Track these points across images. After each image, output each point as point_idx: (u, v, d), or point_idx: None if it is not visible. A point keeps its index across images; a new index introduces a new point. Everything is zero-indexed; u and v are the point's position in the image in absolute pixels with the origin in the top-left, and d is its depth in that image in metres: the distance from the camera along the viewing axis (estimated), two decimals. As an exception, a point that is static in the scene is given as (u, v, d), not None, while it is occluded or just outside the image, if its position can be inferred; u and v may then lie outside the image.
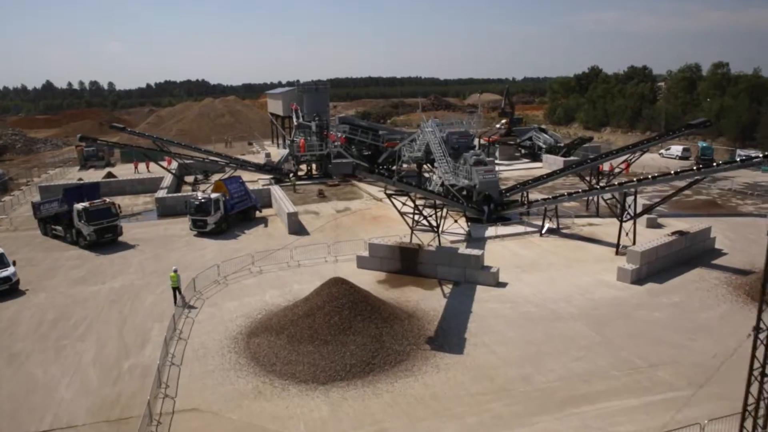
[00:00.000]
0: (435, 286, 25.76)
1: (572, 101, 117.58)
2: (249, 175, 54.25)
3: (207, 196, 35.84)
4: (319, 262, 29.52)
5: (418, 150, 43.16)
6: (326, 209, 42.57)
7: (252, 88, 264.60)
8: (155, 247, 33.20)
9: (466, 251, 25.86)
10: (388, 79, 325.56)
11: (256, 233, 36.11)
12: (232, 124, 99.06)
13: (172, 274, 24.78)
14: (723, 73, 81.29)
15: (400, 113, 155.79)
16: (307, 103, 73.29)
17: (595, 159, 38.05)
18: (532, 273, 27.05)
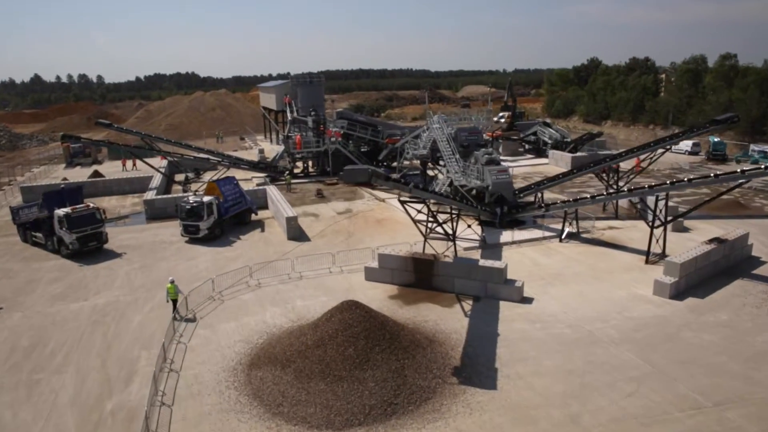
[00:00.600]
0: (453, 302, 23.35)
1: (571, 94, 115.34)
2: (242, 174, 51.58)
3: (199, 199, 33.14)
4: (322, 273, 27.01)
5: (423, 147, 40.63)
6: (326, 211, 40.02)
7: (242, 81, 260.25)
8: (143, 256, 30.51)
9: (487, 263, 23.45)
10: (379, 71, 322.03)
11: (253, 239, 33.49)
12: (223, 118, 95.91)
13: (169, 286, 22.60)
14: (731, 65, 79.13)
15: (394, 106, 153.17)
16: (302, 96, 70.50)
17: (615, 157, 35.70)
18: (558, 286, 24.71)
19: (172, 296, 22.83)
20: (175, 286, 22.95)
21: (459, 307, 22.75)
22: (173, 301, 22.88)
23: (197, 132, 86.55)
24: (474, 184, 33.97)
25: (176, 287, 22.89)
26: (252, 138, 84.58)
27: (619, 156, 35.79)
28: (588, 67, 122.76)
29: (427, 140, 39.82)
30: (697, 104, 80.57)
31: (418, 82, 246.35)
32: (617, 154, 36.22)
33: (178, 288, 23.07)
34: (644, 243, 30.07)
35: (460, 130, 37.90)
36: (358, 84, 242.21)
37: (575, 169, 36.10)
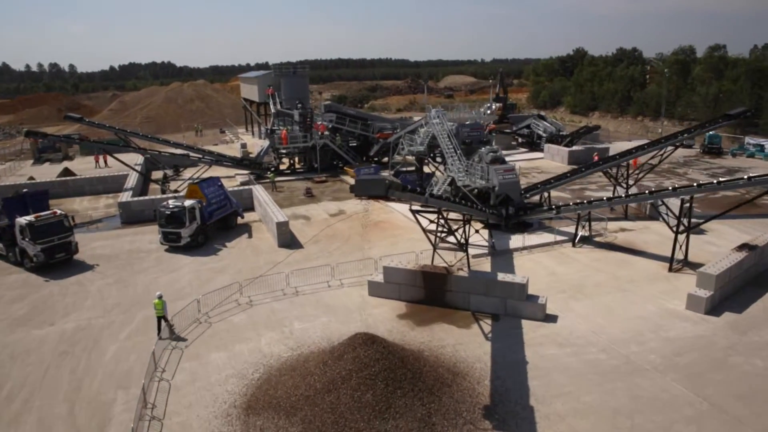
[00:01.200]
0: (470, 321, 21.01)
1: (557, 85, 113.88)
2: (225, 171, 48.46)
3: (179, 203, 30.14)
4: (320, 287, 24.40)
5: (420, 143, 38.09)
6: (317, 212, 37.32)
7: (220, 71, 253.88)
8: (119, 268, 27.49)
9: (507, 278, 21.13)
10: (359, 61, 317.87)
11: (240, 246, 30.66)
12: (202, 110, 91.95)
13: (156, 302, 20.11)
14: (720, 56, 78.10)
15: (377, 96, 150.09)
16: (285, 88, 67.39)
17: (626, 154, 33.67)
18: (582, 300, 22.55)
19: (159, 313, 20.36)
20: (163, 302, 20.46)
21: (478, 328, 20.42)
22: (159, 318, 20.45)
23: (175, 125, 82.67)
24: (479, 184, 31.62)
25: (164, 303, 20.43)
26: (233, 131, 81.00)
27: (629, 153, 33.78)
28: (573, 58, 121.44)
29: (425, 136, 37.30)
30: (685, 96, 79.53)
31: (398, 72, 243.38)
32: (627, 151, 34.19)
33: (166, 304, 20.63)
34: (661, 246, 28.36)
35: (461, 126, 35.47)
36: (338, 74, 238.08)
37: (584, 167, 33.99)
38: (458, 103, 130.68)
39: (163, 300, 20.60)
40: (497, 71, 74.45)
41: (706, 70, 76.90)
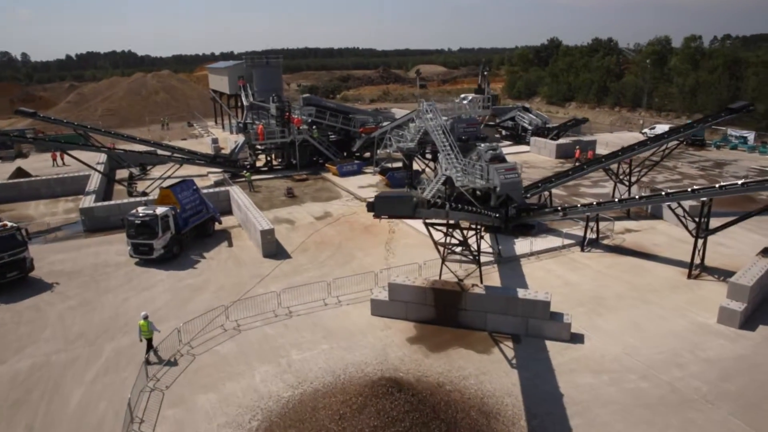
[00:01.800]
0: (489, 344, 18.85)
1: (533, 75, 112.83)
2: (196, 169, 45.12)
3: (151, 211, 26.98)
4: (316, 307, 21.84)
5: (411, 140, 35.67)
6: (301, 215, 34.58)
7: (184, 60, 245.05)
8: (82, 287, 24.29)
9: (529, 295, 19.02)
10: (326, 50, 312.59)
11: (220, 257, 27.73)
12: (168, 102, 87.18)
13: (141, 323, 18.20)
14: (696, 46, 77.95)
15: (349, 87, 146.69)
16: (258, 79, 63.97)
17: (628, 150, 32.02)
18: (604, 315, 20.66)
19: (147, 335, 18.16)
20: (149, 322, 18.19)
21: (499, 353, 18.27)
22: (149, 340, 18.24)
23: (139, 118, 78.02)
24: (478, 184, 29.43)
25: (150, 324, 18.23)
26: (201, 124, 76.86)
27: (631, 149, 32.15)
28: (548, 48, 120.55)
29: (416, 131, 34.89)
30: (662, 87, 79.28)
31: (367, 62, 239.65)
32: (629, 146, 32.55)
33: (153, 325, 18.35)
34: (672, 249, 27.03)
35: (456, 122, 33.18)
36: (306, 64, 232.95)
37: (585, 164, 32.21)
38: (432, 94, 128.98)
39: (150, 321, 18.32)
40: (480, 61, 72.25)
41: (682, 61, 76.57)
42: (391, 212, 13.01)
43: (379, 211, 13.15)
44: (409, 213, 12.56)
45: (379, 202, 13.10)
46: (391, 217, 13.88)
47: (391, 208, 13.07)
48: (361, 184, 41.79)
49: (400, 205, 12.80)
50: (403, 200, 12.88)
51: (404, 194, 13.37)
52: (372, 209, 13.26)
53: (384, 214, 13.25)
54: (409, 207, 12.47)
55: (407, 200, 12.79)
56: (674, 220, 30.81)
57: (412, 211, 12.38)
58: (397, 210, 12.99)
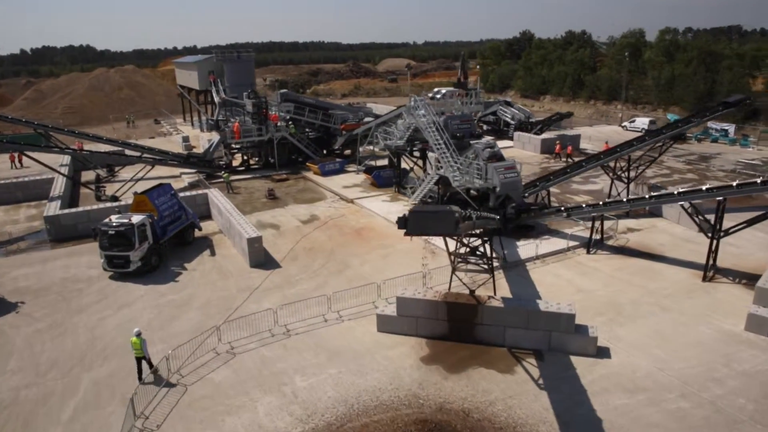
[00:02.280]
0: (511, 362, 17.41)
1: (506, 68, 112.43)
2: (167, 170, 42.48)
3: (126, 220, 24.56)
4: (315, 323, 20.00)
5: (400, 137, 33.96)
6: (286, 219, 32.54)
7: (145, 55, 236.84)
8: (51, 306, 21.83)
9: (552, 308, 17.64)
10: (291, 44, 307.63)
11: (203, 268, 25.53)
12: (133, 98, 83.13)
13: (134, 340, 16.59)
14: (671, 39, 78.46)
15: (319, 81, 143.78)
16: (229, 74, 61.27)
17: (626, 146, 31.13)
18: (625, 324, 19.48)
19: (138, 353, 16.65)
20: (142, 340, 16.62)
21: (523, 372, 16.84)
22: (139, 359, 16.74)
23: (102, 116, 74.02)
24: (477, 184, 27.99)
25: (143, 342, 16.64)
26: (170, 121, 73.40)
27: (630, 145, 31.28)
28: (520, 41, 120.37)
29: (406, 128, 33.20)
30: (637, 79, 79.60)
31: (334, 56, 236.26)
32: (628, 142, 31.67)
33: (145, 344, 16.66)
34: (678, 249, 26.34)
35: (449, 118, 31.61)
36: (272, 58, 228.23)
37: (584, 162, 31.14)
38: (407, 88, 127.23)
39: (142, 337, 16.60)
40: (459, 54, 70.91)
41: (657, 53, 76.98)
42: (430, 231, 11.18)
43: (413, 230, 11.21)
44: (451, 230, 10.79)
45: (414, 219, 11.13)
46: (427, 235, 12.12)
47: (429, 226, 11.14)
48: (345, 184, 39.94)
49: (441, 222, 10.91)
50: (444, 216, 11.03)
51: (443, 209, 11.48)
52: (404, 227, 11.41)
53: (419, 233, 11.39)
54: (451, 224, 10.68)
55: (448, 216, 10.95)
56: (675, 218, 30.20)
57: (455, 228, 10.63)
58: (438, 228, 11.12)
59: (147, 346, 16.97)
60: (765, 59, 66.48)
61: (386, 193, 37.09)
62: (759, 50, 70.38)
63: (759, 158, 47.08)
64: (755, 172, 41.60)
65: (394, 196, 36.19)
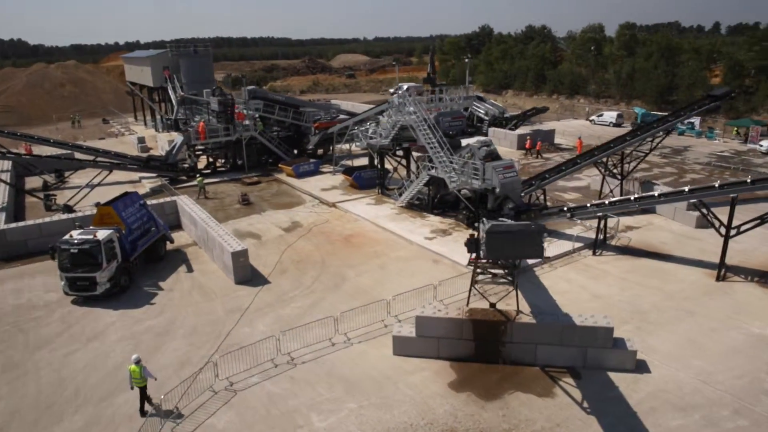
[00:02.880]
0: (547, 383, 15.83)
1: (465, 63, 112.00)
2: (124, 175, 39.00)
3: (90, 235, 21.51)
4: (321, 348, 17.83)
5: (385, 136, 31.95)
6: (266, 227, 30.01)
7: (84, 50, 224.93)
8: (5, 343, 18.70)
9: (588, 321, 16.17)
10: (240, 40, 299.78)
11: (181, 287, 22.78)
12: (77, 96, 77.41)
13: (132, 367, 14.59)
14: (631, 34, 79.65)
15: (275, 78, 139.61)
16: (186, 69, 57.63)
17: (620, 141, 30.27)
18: (654, 332, 18.31)
19: (139, 383, 14.67)
20: (143, 367, 14.69)
21: (563, 394, 15.29)
22: (142, 389, 14.77)
23: (43, 115, 68.39)
24: (475, 185, 26.39)
25: (144, 370, 14.71)
26: (120, 121, 68.65)
27: (623, 140, 30.44)
28: (480, 35, 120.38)
29: (392, 127, 31.23)
30: (598, 73, 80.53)
31: (285, 51, 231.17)
32: (620, 137, 30.84)
33: (146, 370, 14.61)
34: (682, 247, 25.91)
35: (440, 115, 29.88)
36: (222, 54, 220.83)
37: (578, 158, 30.09)
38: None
39: (142, 365, 14.54)
40: (429, 48, 69.30)
41: (618, 48, 77.99)
42: (513, 255, 9.14)
43: (493, 254, 9.13)
44: (540, 254, 8.87)
45: (494, 241, 8.97)
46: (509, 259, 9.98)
47: (512, 249, 9.02)
48: (323, 186, 37.64)
49: (526, 244, 8.85)
50: (530, 237, 9.01)
51: (526, 227, 9.44)
52: (475, 251, 9.33)
53: (500, 258, 9.28)
54: (540, 246, 8.77)
55: (534, 236, 8.93)
56: (670, 215, 29.63)
57: (542, 250, 8.75)
58: (523, 251, 9.07)
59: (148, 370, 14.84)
60: (720, 53, 68.18)
61: (369, 195, 35.04)
62: (714, 45, 72.20)
63: (727, 150, 47.79)
64: (729, 164, 42.05)
65: (378, 199, 34.20)
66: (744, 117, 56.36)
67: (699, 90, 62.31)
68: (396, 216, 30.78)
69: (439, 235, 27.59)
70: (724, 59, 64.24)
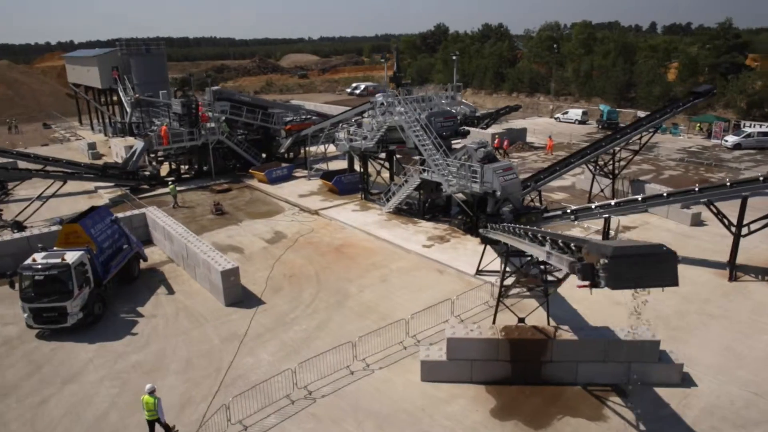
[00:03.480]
0: (593, 404, 14.62)
1: (423, 62, 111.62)
2: (78, 185, 35.66)
3: (56, 259, 18.67)
4: (341, 379, 15.97)
5: (371, 138, 30.17)
6: (247, 239, 27.73)
7: (12, 50, 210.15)
8: (-40, 390, 15.84)
9: (632, 335, 15.10)
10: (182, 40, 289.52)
11: (165, 313, 20.29)
12: (11, 99, 71.46)
13: (146, 398, 13.22)
14: (589, 32, 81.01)
15: (226, 78, 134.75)
16: (138, 70, 53.95)
17: (612, 140, 29.88)
18: (686, 340, 17.52)
19: (152, 416, 13.25)
20: (157, 398, 13.25)
21: (615, 416, 14.10)
22: (152, 423, 13.34)
23: (-26, 121, 62.47)
24: (474, 188, 25.11)
25: (158, 401, 13.25)
26: (64, 125, 63.67)
27: (615, 138, 30.07)
28: (435, 34, 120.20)
29: (378, 128, 29.48)
30: (557, 71, 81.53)
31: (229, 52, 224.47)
32: (610, 135, 30.46)
33: (161, 404, 13.33)
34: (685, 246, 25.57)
35: (432, 116, 28.40)
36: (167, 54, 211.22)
37: (572, 158, 29.40)
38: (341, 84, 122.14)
39: (157, 396, 13.28)
40: (393, 47, 67.88)
41: (576, 46, 79.17)
42: (647, 283, 7.73)
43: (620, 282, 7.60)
44: (675, 281, 7.52)
45: (621, 267, 7.42)
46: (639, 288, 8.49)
47: (646, 276, 7.54)
48: (300, 192, 35.52)
49: (662, 270, 7.45)
50: (664, 260, 7.63)
51: (657, 249, 8.01)
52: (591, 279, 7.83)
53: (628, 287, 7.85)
54: (674, 270, 7.47)
55: (670, 260, 7.60)
56: (663, 213, 29.38)
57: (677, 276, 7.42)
58: (656, 279, 7.64)
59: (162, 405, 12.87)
60: (676, 51, 70.21)
61: (351, 200, 33.22)
62: (670, 42, 74.34)
63: (694, 146, 48.83)
64: (701, 160, 42.80)
65: (363, 204, 32.43)
66: (701, 113, 58.05)
67: (657, 87, 63.96)
68: (386, 223, 29.14)
69: (436, 242, 26.15)
70: (680, 57, 66.03)
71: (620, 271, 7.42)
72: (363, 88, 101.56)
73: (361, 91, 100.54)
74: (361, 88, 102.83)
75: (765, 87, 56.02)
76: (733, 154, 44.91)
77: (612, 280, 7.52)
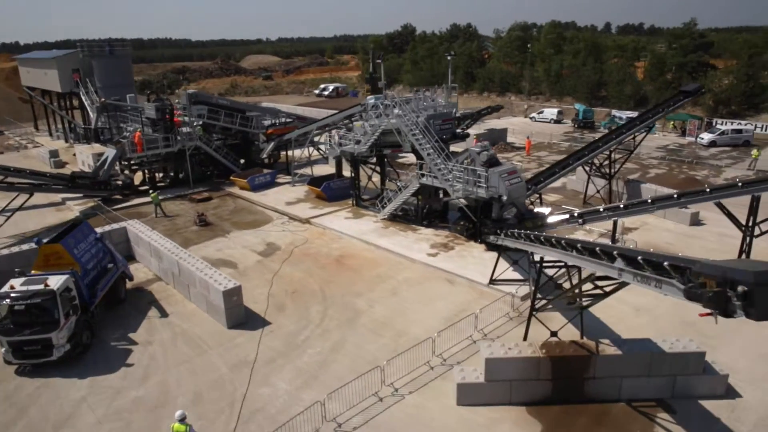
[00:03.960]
0: (641, 423, 13.85)
1: (391, 62, 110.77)
2: (44, 197, 33.12)
3: (38, 285, 16.68)
4: (370, 407, 14.71)
5: (365, 142, 28.87)
6: (238, 252, 26.06)
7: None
8: (-66, 442, 13.82)
9: (676, 347, 14.42)
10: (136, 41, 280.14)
11: (162, 339, 18.52)
12: (-42, 105, 66.66)
13: (176, 426, 12.42)
14: (558, 32, 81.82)
15: (189, 80, 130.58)
16: (101, 72, 50.98)
17: (608, 140, 29.56)
18: (717, 346, 16.96)
19: None
20: (189, 426, 12.47)
21: (669, 437, 13.39)
22: None
23: None
24: (480, 193, 24.22)
25: (189, 427, 12.48)
26: (18, 132, 59.75)
27: (610, 138, 29.78)
28: (402, 34, 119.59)
29: (372, 132, 28.23)
30: (528, 71, 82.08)
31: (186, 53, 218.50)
32: (606, 135, 30.15)
33: (192, 429, 12.55)
34: (689, 248, 25.35)
35: (430, 118, 27.32)
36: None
37: (570, 159, 28.90)
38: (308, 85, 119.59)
39: (188, 423, 12.49)
40: (370, 49, 66.71)
41: (546, 46, 79.82)
42: None
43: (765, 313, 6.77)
44: None
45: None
46: None
47: None
48: (286, 200, 33.92)
49: None
50: None
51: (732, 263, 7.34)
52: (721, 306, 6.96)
53: None
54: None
55: None
56: (661, 213, 29.19)
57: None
58: None
59: None
60: (644, 50, 71.60)
61: (342, 207, 31.87)
62: (638, 42, 75.79)
63: (671, 144, 49.54)
64: (681, 158, 43.33)
65: (355, 211, 31.13)
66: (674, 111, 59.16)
67: (629, 86, 65.00)
68: (383, 230, 27.95)
69: (441, 250, 25.13)
70: (649, 56, 67.28)
71: (767, 298, 6.55)
72: (332, 90, 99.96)
73: (329, 93, 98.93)
74: (330, 89, 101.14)
75: (731, 86, 57.58)
76: (709, 151, 45.72)
77: (759, 311, 6.63)
